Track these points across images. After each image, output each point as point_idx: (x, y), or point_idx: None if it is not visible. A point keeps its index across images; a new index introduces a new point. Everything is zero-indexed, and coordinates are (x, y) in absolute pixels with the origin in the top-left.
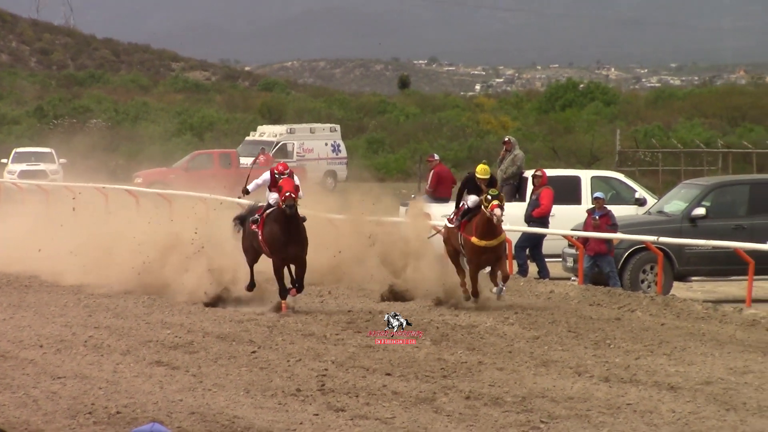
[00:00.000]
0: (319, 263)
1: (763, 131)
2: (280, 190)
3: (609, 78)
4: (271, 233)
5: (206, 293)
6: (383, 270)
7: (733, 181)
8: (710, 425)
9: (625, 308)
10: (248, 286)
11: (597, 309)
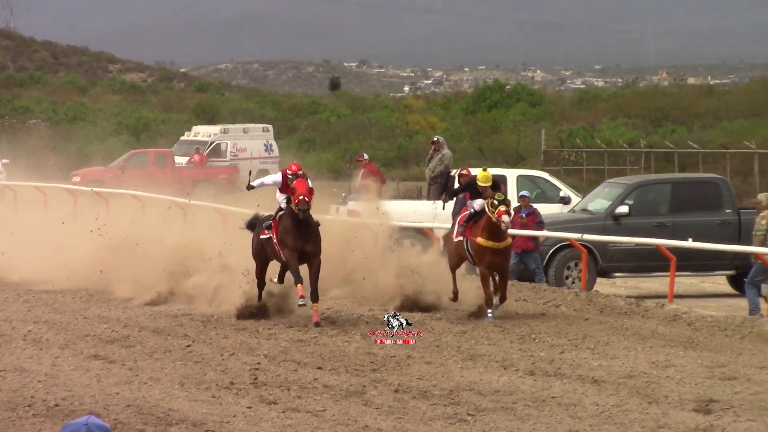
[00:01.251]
0: None
1: (684, 131)
2: (294, 192)
3: (534, 80)
4: (285, 229)
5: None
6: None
7: (655, 180)
8: (633, 418)
9: (550, 304)
10: (258, 298)
11: (523, 304)
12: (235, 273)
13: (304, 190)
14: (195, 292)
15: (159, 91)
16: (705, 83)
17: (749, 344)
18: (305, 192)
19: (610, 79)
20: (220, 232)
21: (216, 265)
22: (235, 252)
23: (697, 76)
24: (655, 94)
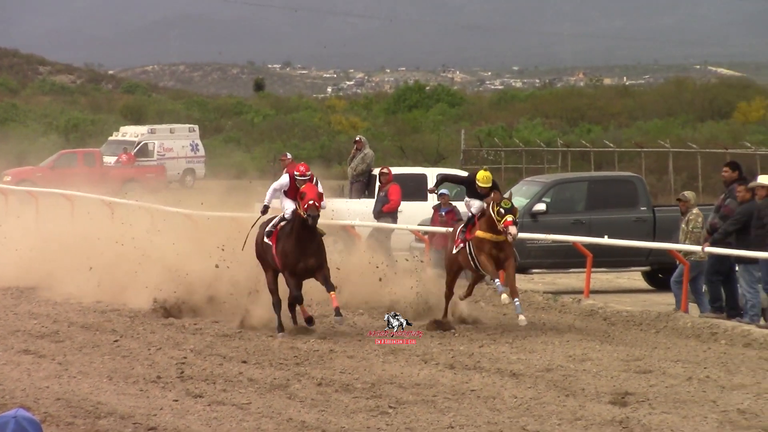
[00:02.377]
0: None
1: (600, 131)
2: (303, 197)
3: (454, 81)
4: (285, 248)
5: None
6: None
7: (571, 178)
8: (550, 410)
9: (470, 299)
10: (274, 304)
11: (443, 300)
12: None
13: (314, 195)
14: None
15: (88, 92)
16: (621, 84)
17: (664, 338)
18: (315, 197)
19: (528, 80)
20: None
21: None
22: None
23: (613, 77)
24: (572, 95)
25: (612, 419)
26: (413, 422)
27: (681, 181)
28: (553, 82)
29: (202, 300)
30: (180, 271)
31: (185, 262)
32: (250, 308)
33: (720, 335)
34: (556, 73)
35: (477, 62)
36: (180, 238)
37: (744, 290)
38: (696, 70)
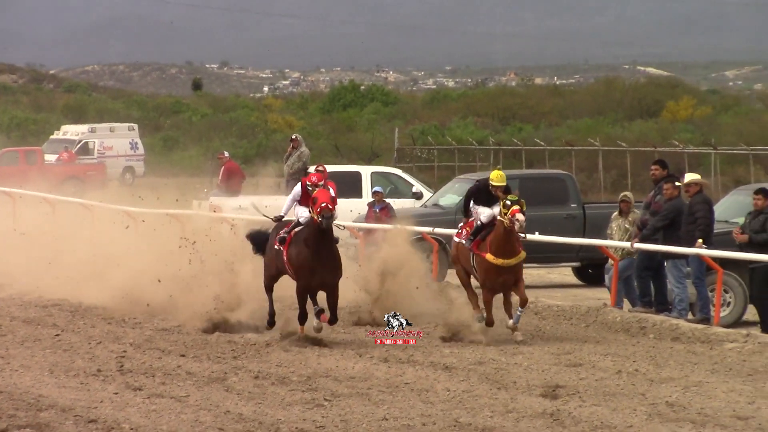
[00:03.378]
0: None
1: (531, 129)
2: (315, 201)
3: (388, 80)
4: (299, 256)
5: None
6: None
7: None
8: (483, 403)
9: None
10: (269, 321)
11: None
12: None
13: (327, 198)
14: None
15: (29, 91)
16: (551, 83)
17: (594, 332)
18: (328, 200)
19: (461, 79)
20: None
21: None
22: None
23: (544, 76)
24: (504, 94)
25: (543, 412)
26: (348, 415)
27: (611, 178)
28: (485, 81)
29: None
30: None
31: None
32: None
33: (649, 329)
34: (488, 73)
35: (410, 62)
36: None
37: (672, 285)
38: (625, 70)
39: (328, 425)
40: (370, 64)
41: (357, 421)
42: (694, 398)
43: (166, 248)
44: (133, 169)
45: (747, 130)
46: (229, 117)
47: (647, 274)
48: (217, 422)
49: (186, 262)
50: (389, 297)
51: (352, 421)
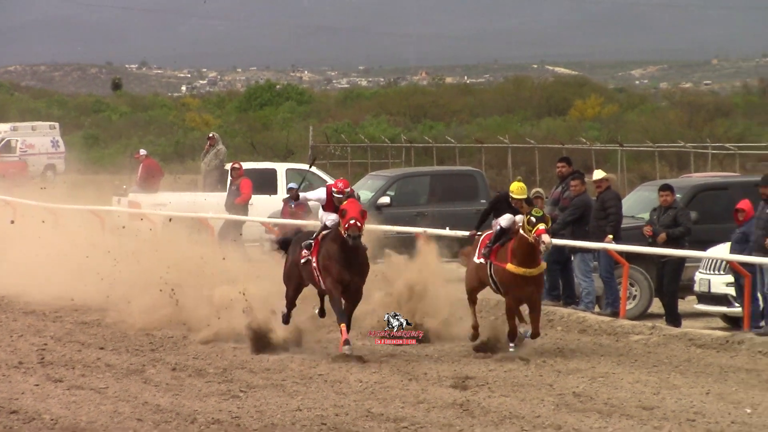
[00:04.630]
0: None
1: (443, 127)
2: (344, 215)
3: (303, 80)
4: (328, 254)
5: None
6: None
7: (415, 172)
8: (394, 394)
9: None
10: (284, 318)
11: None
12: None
13: (356, 213)
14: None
15: None
16: (462, 82)
17: (503, 324)
18: (357, 216)
19: (374, 78)
20: None
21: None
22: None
23: (455, 75)
24: (416, 93)
25: (453, 402)
26: (263, 405)
27: (519, 174)
28: (397, 81)
29: None
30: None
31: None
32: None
33: (556, 322)
34: (401, 73)
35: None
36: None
37: (579, 279)
38: (534, 70)
39: (243, 416)
40: (286, 64)
41: (272, 411)
42: (601, 389)
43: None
44: (55, 167)
45: (652, 127)
46: (148, 116)
47: (556, 267)
48: (136, 413)
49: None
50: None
51: (267, 412)
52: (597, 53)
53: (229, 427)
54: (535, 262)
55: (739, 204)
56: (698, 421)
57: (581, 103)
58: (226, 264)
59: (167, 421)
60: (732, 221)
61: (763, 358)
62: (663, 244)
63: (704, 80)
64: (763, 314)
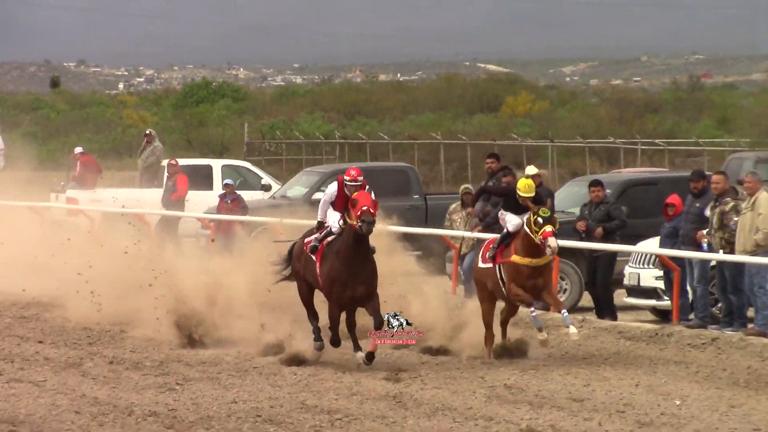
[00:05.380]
0: None
1: (376, 124)
2: (355, 204)
3: (238, 77)
4: (331, 271)
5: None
6: None
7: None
8: (328, 386)
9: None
10: (317, 336)
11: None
12: None
13: (368, 201)
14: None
15: None
16: (395, 80)
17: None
18: (369, 204)
19: (308, 76)
20: None
21: None
22: None
23: (388, 73)
24: (349, 90)
25: (386, 394)
26: (199, 398)
27: (451, 171)
28: (331, 78)
29: None
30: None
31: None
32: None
33: None
34: (334, 70)
35: (260, 60)
36: None
37: None
38: (466, 67)
39: (179, 408)
40: (221, 62)
41: (207, 404)
42: (532, 381)
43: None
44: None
45: (583, 123)
46: (86, 113)
47: None
48: (74, 405)
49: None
50: None
51: (203, 404)
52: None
53: (166, 419)
54: (540, 253)
55: (669, 199)
56: (628, 412)
57: (512, 100)
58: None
59: (105, 414)
60: (661, 216)
61: (691, 350)
62: (599, 239)
63: (634, 77)
64: (692, 307)
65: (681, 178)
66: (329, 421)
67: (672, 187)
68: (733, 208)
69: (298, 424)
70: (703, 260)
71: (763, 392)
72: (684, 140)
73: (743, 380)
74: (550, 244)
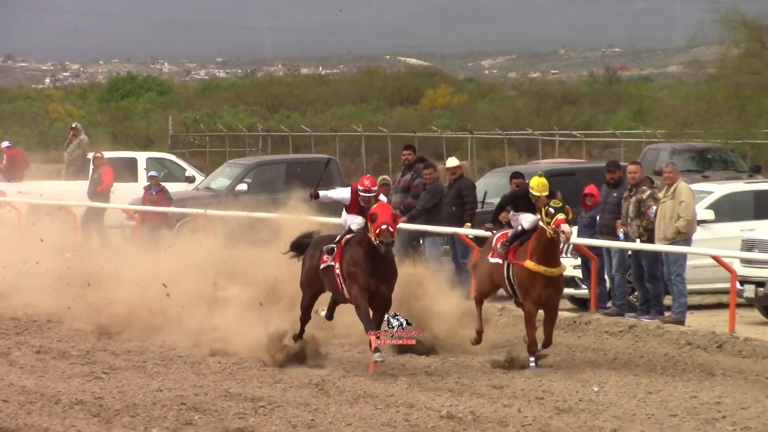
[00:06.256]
0: None
1: (298, 116)
2: (374, 219)
3: (162, 72)
4: (353, 260)
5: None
6: None
7: (271, 160)
8: (252, 374)
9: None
10: (296, 335)
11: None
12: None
13: (388, 217)
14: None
15: None
16: (317, 73)
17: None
18: (389, 220)
19: (231, 70)
20: None
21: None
22: None
23: (310, 67)
24: (272, 84)
25: (309, 382)
26: (125, 386)
27: (372, 162)
28: (254, 72)
29: None
30: None
31: None
32: None
33: None
34: (257, 64)
35: (183, 54)
36: None
37: (429, 263)
38: (386, 60)
39: (106, 396)
40: (146, 56)
41: (133, 392)
42: (452, 369)
43: None
44: None
45: (502, 115)
46: (13, 107)
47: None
48: (1, 394)
49: None
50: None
51: (128, 393)
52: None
53: (92, 407)
54: (555, 260)
55: (586, 189)
56: (547, 399)
57: (432, 93)
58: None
59: (32, 402)
60: (579, 206)
61: (609, 338)
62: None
63: (552, 70)
64: (609, 295)
65: (598, 168)
66: (253, 409)
67: (589, 178)
68: (650, 197)
69: (222, 412)
70: (621, 249)
71: (679, 379)
72: (601, 132)
73: (660, 367)
74: (564, 229)
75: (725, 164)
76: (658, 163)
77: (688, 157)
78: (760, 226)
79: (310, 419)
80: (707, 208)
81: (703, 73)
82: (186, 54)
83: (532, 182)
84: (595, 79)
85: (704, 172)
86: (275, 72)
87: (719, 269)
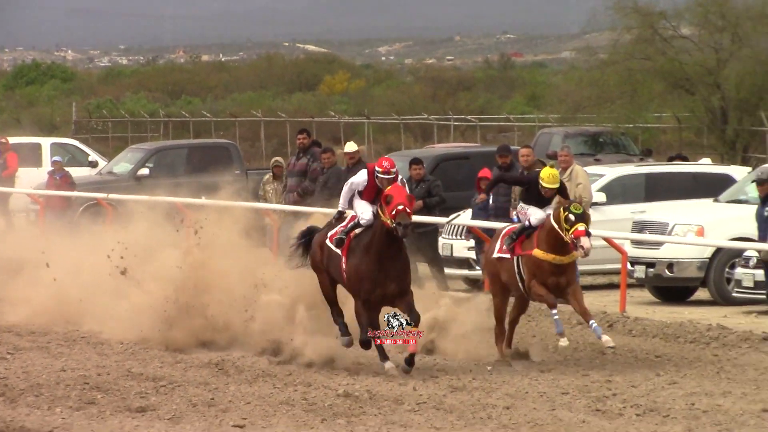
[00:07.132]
0: None
1: (199, 102)
2: (389, 201)
3: (66, 59)
4: (359, 267)
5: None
6: None
7: (172, 145)
8: (153, 354)
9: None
10: (343, 331)
11: None
12: None
13: (404, 198)
14: None
15: None
16: (217, 60)
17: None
18: (405, 201)
19: (134, 57)
20: None
21: None
22: None
23: (211, 53)
24: (173, 70)
25: (209, 362)
26: (29, 366)
27: (271, 147)
28: (155, 59)
29: None
30: None
31: None
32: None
33: None
34: (159, 51)
35: (87, 42)
36: None
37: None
38: (286, 47)
39: (10, 376)
40: (50, 44)
41: (37, 372)
42: (350, 350)
43: None
44: None
45: (398, 101)
46: None
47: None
48: None
49: None
50: None
51: (33, 373)
52: (345, 32)
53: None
54: (566, 250)
55: (481, 173)
56: (441, 377)
57: (330, 79)
58: None
59: None
60: (473, 189)
61: None
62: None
63: (447, 56)
64: None
65: (492, 152)
66: (154, 388)
67: (484, 162)
68: None
69: (124, 391)
70: None
71: (570, 357)
72: (495, 116)
73: (552, 347)
74: (583, 244)
75: (617, 148)
76: (551, 146)
77: (580, 141)
78: (650, 208)
79: (210, 398)
80: (599, 190)
81: (595, 58)
82: (89, 42)
83: (543, 174)
84: (489, 65)
85: (596, 155)
86: (177, 59)
87: (610, 250)
